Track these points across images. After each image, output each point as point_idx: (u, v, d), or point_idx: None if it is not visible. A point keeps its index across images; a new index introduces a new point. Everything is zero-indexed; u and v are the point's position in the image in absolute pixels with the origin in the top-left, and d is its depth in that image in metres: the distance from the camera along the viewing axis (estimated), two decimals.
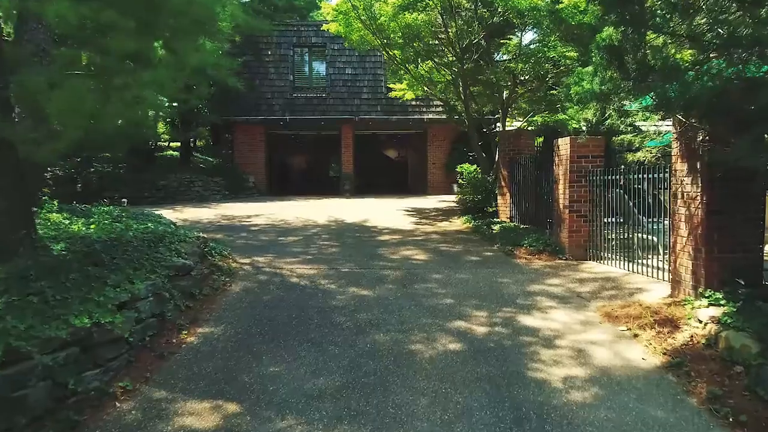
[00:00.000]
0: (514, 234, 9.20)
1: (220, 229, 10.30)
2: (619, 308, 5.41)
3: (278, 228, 10.52)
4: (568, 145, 7.94)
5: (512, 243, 8.63)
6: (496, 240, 8.96)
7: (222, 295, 5.80)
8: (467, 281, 6.50)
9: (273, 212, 12.93)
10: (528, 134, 11.77)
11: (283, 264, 7.21)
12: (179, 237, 6.55)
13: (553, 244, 8.32)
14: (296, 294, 5.91)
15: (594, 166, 7.86)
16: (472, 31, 11.51)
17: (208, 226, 10.71)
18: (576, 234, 7.97)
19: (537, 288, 6.27)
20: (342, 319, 5.18)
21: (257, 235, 9.58)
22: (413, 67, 13.28)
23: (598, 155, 7.95)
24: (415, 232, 10.14)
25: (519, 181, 10.62)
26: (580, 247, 7.94)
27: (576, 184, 7.92)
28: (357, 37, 13.08)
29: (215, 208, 14.21)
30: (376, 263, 7.38)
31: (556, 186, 8.37)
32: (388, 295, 5.92)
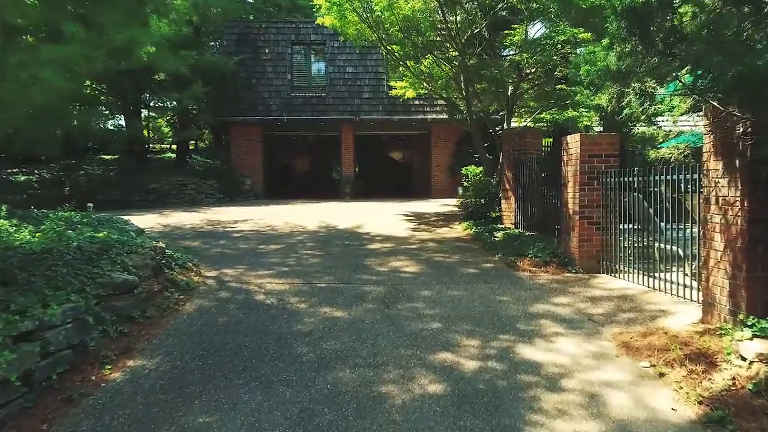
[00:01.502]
0: (518, 242, 8.28)
1: (199, 236, 9.51)
2: (639, 336, 4.49)
3: (262, 235, 9.70)
4: (578, 142, 7.02)
5: (515, 253, 7.72)
6: (498, 249, 8.05)
7: (170, 316, 4.96)
8: (460, 300, 5.60)
9: (262, 217, 12.12)
10: (534, 132, 10.83)
11: (253, 278, 6.36)
12: (131, 247, 5.74)
13: (562, 254, 7.39)
14: (258, 316, 5.06)
15: (608, 166, 6.92)
16: (474, 20, 10.62)
17: (187, 233, 9.93)
18: (587, 243, 7.04)
19: (541, 308, 5.35)
20: (304, 349, 4.32)
21: (236, 243, 8.75)
22: (413, 63, 12.43)
23: (612, 154, 7.01)
24: (409, 239, 9.25)
25: (524, 183, 9.70)
26: (591, 259, 7.01)
27: (587, 186, 7.00)
28: (353, 31, 12.26)
29: (204, 213, 13.44)
30: (359, 277, 6.51)
31: (565, 189, 7.45)
32: (365, 317, 5.04)
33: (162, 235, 9.61)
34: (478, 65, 11.65)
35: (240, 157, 19.06)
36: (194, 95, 16.72)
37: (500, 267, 7.19)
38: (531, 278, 6.60)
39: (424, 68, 12.44)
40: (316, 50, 20.05)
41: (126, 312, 4.62)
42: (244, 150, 19.10)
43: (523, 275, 6.76)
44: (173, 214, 13.09)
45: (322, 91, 19.22)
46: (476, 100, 12.43)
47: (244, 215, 12.54)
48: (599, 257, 6.97)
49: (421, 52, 11.95)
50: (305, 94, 19.16)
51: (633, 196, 6.60)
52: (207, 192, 17.24)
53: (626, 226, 6.67)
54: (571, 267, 7.06)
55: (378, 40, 12.21)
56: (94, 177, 16.81)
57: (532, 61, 10.02)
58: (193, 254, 7.53)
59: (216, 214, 13.03)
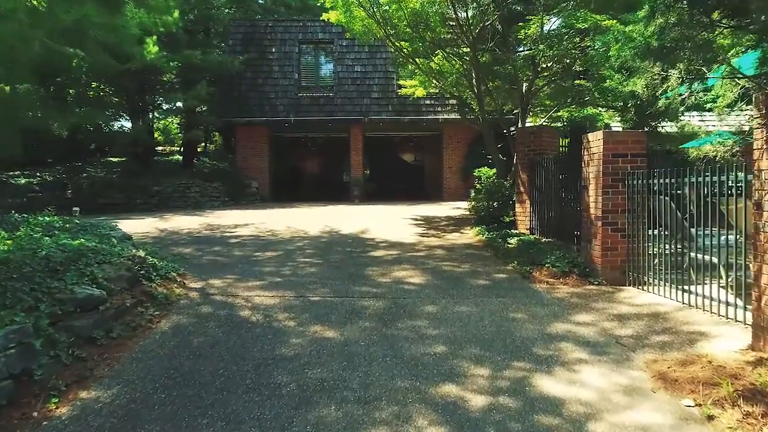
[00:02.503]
0: (533, 250, 7.61)
1: (194, 242, 8.99)
2: (678, 366, 3.83)
3: (261, 240, 9.15)
4: (600, 140, 6.36)
5: (531, 262, 7.06)
6: (512, 257, 7.39)
7: (141, 336, 4.41)
8: (469, 317, 4.97)
9: (264, 221, 11.60)
10: (551, 131, 10.13)
11: (242, 289, 5.80)
12: (106, 257, 5.22)
13: (583, 264, 6.72)
14: (239, 336, 4.48)
15: (634, 166, 6.25)
16: (486, 12, 9.99)
17: (183, 238, 9.43)
18: (611, 252, 6.36)
19: (561, 328, 4.70)
20: (285, 378, 3.73)
21: (231, 250, 8.21)
22: (423, 61, 11.84)
23: (639, 153, 6.33)
24: (416, 246, 8.63)
25: (540, 186, 9.02)
26: (616, 269, 6.33)
27: (611, 189, 6.33)
28: (360, 27, 11.71)
29: (205, 216, 12.96)
30: (358, 289, 5.91)
31: (586, 191, 6.78)
32: (360, 338, 4.44)
33: (156, 240, 9.14)
34: (491, 61, 11.02)
35: (246, 159, 18.61)
36: (198, 96, 16.31)
37: (514, 278, 6.53)
38: (548, 291, 5.94)
39: (434, 65, 11.85)
40: (323, 49, 19.54)
41: (87, 332, 4.07)
42: (250, 152, 18.65)
43: (539, 288, 6.10)
44: (173, 218, 12.63)
45: (330, 91, 18.70)
46: (489, 98, 11.78)
47: (246, 219, 12.03)
48: (624, 267, 6.29)
49: (431, 47, 11.35)
50: (313, 94, 18.66)
51: (660, 199, 5.93)
52: (211, 195, 16.80)
53: (655, 233, 5.99)
54: (593, 278, 6.39)
55: (386, 36, 11.66)
56: (97, 180, 16.46)
57: (549, 54, 9.33)
58: (182, 262, 7.00)
59: (217, 218, 12.54)
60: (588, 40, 9.74)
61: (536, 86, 10.79)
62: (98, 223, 7.52)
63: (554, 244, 7.97)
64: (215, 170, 19.64)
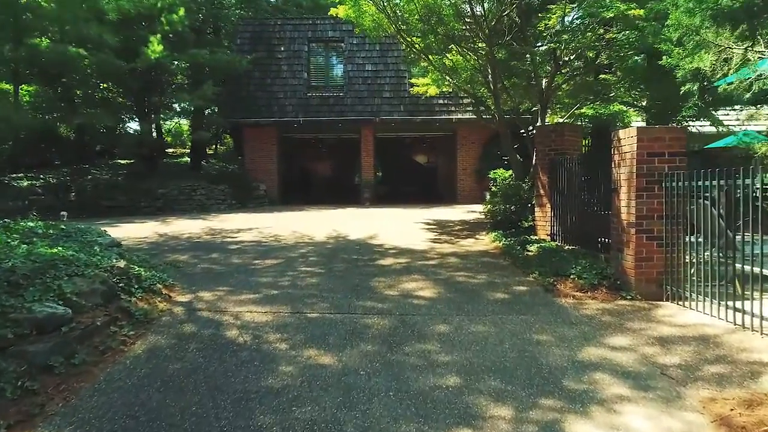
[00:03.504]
0: (556, 258, 6.95)
1: (192, 248, 8.46)
2: (742, 407, 3.16)
3: (262, 246, 8.60)
4: (633, 138, 5.68)
5: (554, 272, 6.40)
6: (533, 267, 6.73)
7: (109, 361, 3.85)
8: (486, 339, 4.33)
9: (270, 225, 11.07)
10: (574, 129, 9.42)
11: (233, 304, 5.23)
12: (81, 267, 4.69)
13: (613, 275, 6.04)
14: (221, 361, 3.90)
15: (673, 167, 5.56)
16: (503, 3, 9.34)
17: (181, 244, 8.91)
18: (646, 263, 5.67)
19: (594, 354, 4.04)
20: (268, 418, 3.13)
21: (229, 257, 7.66)
22: (435, 57, 11.22)
23: (678, 152, 5.63)
24: (428, 253, 8.00)
25: (562, 188, 8.34)
26: (652, 282, 5.64)
27: (646, 192, 5.64)
28: (369, 22, 11.14)
29: (209, 220, 12.48)
30: (362, 304, 5.30)
31: (616, 195, 6.10)
32: (360, 365, 3.83)
33: (152, 246, 8.64)
34: (508, 56, 10.37)
35: (253, 161, 18.15)
36: (204, 96, 15.86)
37: (536, 291, 5.88)
38: (576, 307, 5.28)
39: (447, 62, 11.23)
40: (334, 48, 19.01)
41: (43, 359, 3.52)
42: (257, 153, 18.18)
43: (565, 303, 5.44)
44: (175, 222, 12.16)
45: (340, 90, 18.16)
46: (505, 96, 11.12)
47: (251, 223, 11.51)
48: (661, 280, 5.60)
49: (444, 42, 10.74)
50: (322, 94, 18.13)
51: (700, 203, 5.25)
52: (218, 198, 16.34)
53: (696, 241, 5.30)
54: (625, 292, 5.71)
55: (396, 31, 11.08)
56: (102, 182, 16.08)
57: (572, 46, 8.66)
58: (173, 271, 6.47)
59: (221, 222, 12.05)
60: (614, 32, 9.07)
61: (557, 82, 10.12)
62: (87, 228, 7.01)
63: (578, 252, 7.29)
64: (222, 172, 19.23)
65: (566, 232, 8.23)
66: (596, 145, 7.86)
